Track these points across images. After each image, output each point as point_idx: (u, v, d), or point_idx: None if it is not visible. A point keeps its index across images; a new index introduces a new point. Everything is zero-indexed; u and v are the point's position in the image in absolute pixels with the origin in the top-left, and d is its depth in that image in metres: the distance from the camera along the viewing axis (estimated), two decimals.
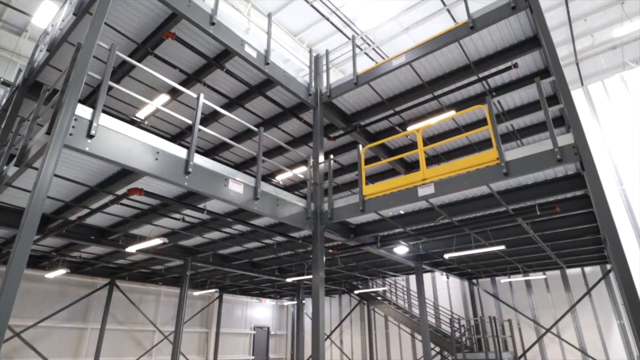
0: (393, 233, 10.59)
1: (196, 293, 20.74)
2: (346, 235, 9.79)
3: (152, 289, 20.23)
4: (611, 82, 18.39)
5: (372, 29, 19.25)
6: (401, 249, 10.93)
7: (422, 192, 7.32)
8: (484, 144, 12.09)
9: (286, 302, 26.18)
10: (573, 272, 16.83)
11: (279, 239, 11.20)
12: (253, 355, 24.50)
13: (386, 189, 7.83)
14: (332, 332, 24.34)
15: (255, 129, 7.96)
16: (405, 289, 21.78)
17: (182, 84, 9.82)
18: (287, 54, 19.21)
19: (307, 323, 26.03)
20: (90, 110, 5.11)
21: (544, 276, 17.28)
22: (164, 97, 10.07)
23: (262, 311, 26.19)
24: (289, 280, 15.19)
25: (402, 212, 9.15)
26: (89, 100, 9.84)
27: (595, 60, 20.45)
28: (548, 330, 16.04)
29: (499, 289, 18.71)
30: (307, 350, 25.34)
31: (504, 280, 16.22)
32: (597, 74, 20.78)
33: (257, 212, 7.29)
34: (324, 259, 8.54)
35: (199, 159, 6.39)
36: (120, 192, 7.17)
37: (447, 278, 18.25)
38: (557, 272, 17.20)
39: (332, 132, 12.13)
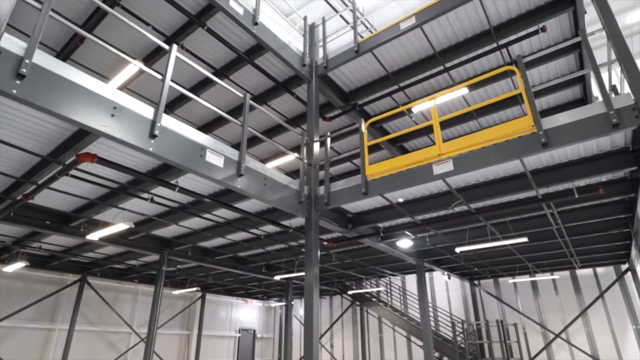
0: (396, 224, 9.53)
1: (176, 292, 19.49)
2: (343, 226, 8.70)
3: (128, 287, 18.95)
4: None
5: (371, 9, 18.22)
6: (405, 242, 9.87)
7: (438, 169, 6.26)
8: None
9: (274, 303, 25.01)
10: (584, 272, 15.92)
11: (268, 229, 10.10)
12: (238, 359, 23.32)
13: (394, 168, 6.76)
14: (322, 336, 23.24)
15: (241, 95, 6.84)
16: (401, 290, 20.74)
17: (157, 50, 8.69)
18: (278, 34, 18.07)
19: (296, 326, 24.91)
20: (23, 44, 3.97)
21: (552, 277, 16.35)
22: (138, 65, 8.91)
23: (247, 312, 25.00)
24: (277, 278, 14.04)
25: (400, 200, 8.10)
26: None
27: (604, 50, 19.57)
28: (557, 336, 15.10)
29: (502, 290, 17.76)
30: (296, 355, 24.21)
31: (511, 280, 15.24)
32: (606, 64, 19.88)
33: (241, 191, 6.17)
34: (319, 253, 7.44)
35: (168, 121, 5.26)
36: (70, 161, 5.99)
37: (449, 278, 17.29)
38: (567, 273, 16.29)
39: (327, 113, 11.04)
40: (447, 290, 19.25)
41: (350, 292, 18.48)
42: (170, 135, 5.21)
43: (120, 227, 7.59)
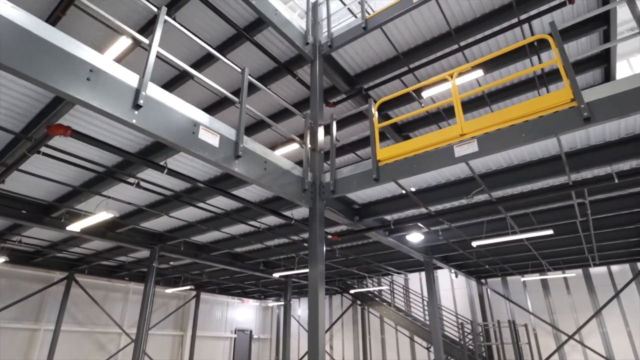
0: (406, 216, 8.92)
1: (168, 290, 18.79)
2: (350, 218, 8.08)
3: (118, 285, 18.27)
4: None
5: None
6: (415, 237, 9.26)
7: (460, 151, 5.64)
8: None
9: (271, 303, 24.41)
10: (598, 270, 15.34)
11: (268, 221, 9.47)
12: None
13: (409, 151, 6.14)
14: None
15: (239, 69, 6.21)
16: (404, 288, 20.14)
17: (145, 27, 8.05)
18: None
19: (294, 326, 24.28)
20: None
21: (564, 275, 15.76)
22: (126, 42, 8.26)
23: (244, 312, 24.36)
24: (276, 275, 13.41)
25: (412, 189, 7.52)
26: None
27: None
28: (571, 337, 14.54)
29: (510, 289, 17.17)
30: (294, 356, 23.60)
31: (524, 278, 14.65)
32: None
33: (238, 174, 5.53)
34: (324, 248, 6.80)
35: (156, 91, 4.62)
36: (40, 136, 5.33)
37: (456, 276, 16.69)
38: (579, 271, 15.71)
39: (331, 98, 10.41)
40: (452, 289, 18.64)
41: (352, 291, 17.83)
42: (157, 107, 4.57)
43: (103, 216, 6.93)
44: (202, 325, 21.59)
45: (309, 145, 7.47)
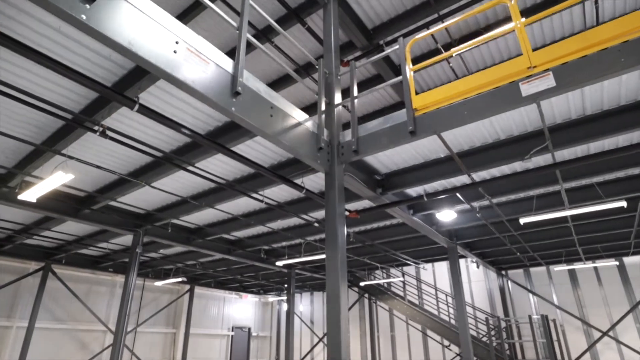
0: (435, 190, 7.66)
1: (158, 283, 17.48)
2: (372, 189, 6.81)
3: (103, 278, 16.96)
4: None
5: None
6: (447, 215, 7.99)
7: (529, 89, 4.36)
8: None
9: (271, 298, 23.19)
10: (633, 260, 14.12)
11: (273, 196, 8.20)
12: None
13: (456, 94, 4.86)
14: (324, 335, 21.42)
15: None
16: (417, 281, 18.91)
17: None
18: None
19: (296, 323, 23.07)
20: None
21: (594, 265, 14.53)
22: None
23: (241, 308, 23.16)
24: (280, 264, 12.10)
25: (442, 154, 6.31)
26: None
27: None
28: (605, 334, 13.32)
29: (534, 281, 15.95)
30: (296, 356, 22.41)
31: (557, 268, 13.44)
32: None
33: (235, 117, 4.22)
34: (344, 223, 5.49)
35: None
36: None
37: (478, 266, 15.48)
38: (612, 261, 14.48)
39: (345, 56, 9.11)
40: (469, 281, 17.43)
41: (362, 284, 16.52)
42: (119, 7, 3.28)
43: (60, 178, 5.59)
44: (196, 322, 20.41)
45: (324, 99, 6.19)
